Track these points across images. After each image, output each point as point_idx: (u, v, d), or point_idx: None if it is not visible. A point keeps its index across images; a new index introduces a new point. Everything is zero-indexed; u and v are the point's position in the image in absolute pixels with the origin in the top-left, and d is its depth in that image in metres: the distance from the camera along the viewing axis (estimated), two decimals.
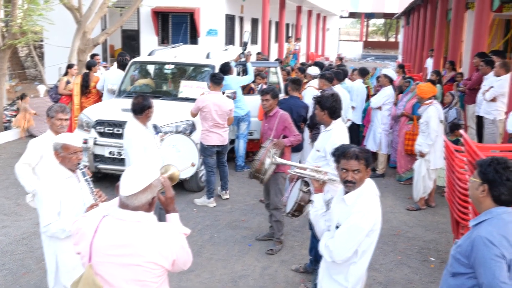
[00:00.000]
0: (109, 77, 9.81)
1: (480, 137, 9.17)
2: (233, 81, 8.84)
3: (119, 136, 7.58)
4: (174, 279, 5.13)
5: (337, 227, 3.32)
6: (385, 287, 5.23)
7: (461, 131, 5.51)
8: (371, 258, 3.46)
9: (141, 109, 5.38)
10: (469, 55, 11.82)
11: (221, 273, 5.45)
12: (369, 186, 3.38)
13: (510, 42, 17.11)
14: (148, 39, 19.75)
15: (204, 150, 7.32)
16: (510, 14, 15.30)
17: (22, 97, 11.58)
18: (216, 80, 7.46)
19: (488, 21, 11.51)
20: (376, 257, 5.87)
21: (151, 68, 9.84)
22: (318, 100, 4.95)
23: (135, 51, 18.95)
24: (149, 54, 9.91)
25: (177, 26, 19.59)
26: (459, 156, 5.02)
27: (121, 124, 7.61)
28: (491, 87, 8.35)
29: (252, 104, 9.10)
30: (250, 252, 5.97)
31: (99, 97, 10.03)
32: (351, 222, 3.23)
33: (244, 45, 10.09)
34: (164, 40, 19.94)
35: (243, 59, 9.91)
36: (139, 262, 2.54)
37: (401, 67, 12.07)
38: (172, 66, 9.42)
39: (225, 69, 8.79)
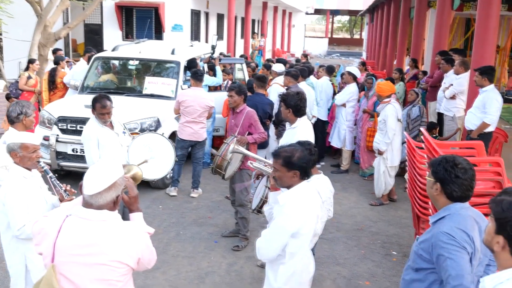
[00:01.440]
0: (77, 72, 9.66)
1: (441, 133, 9.40)
2: None
3: (81, 133, 7.48)
4: (140, 277, 5.10)
5: None
6: (349, 281, 5.33)
7: (422, 128, 5.64)
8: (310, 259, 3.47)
9: (93, 106, 5.35)
10: (431, 53, 12.09)
11: (187, 270, 5.45)
12: (304, 189, 3.33)
13: (470, 40, 17.56)
14: (112, 34, 19.43)
15: (177, 142, 7.51)
16: (470, 13, 15.69)
17: None
18: (197, 76, 7.54)
19: (449, 20, 11.81)
20: (341, 252, 5.98)
21: (115, 64, 9.70)
22: (283, 98, 5.01)
23: (98, 46, 18.60)
24: (113, 50, 9.77)
25: (142, 21, 19.32)
26: (419, 153, 5.15)
27: (84, 121, 7.45)
28: (451, 84, 8.56)
29: (217, 100, 9.09)
30: (216, 248, 5.98)
31: (66, 92, 9.89)
32: (276, 222, 3.27)
33: (212, 48, 10.07)
34: (128, 35, 19.66)
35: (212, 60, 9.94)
36: (104, 261, 2.53)
37: (363, 64, 12.23)
38: (137, 62, 9.31)
39: (191, 65, 8.77)
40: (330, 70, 10.05)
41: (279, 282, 3.37)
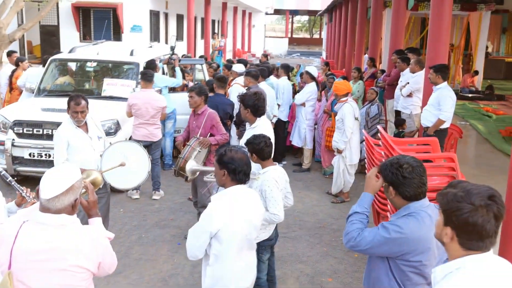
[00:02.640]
0: (32, 74, 9.43)
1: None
2: (159, 79, 8.75)
3: (39, 137, 7.32)
4: (102, 282, 5.02)
5: None
6: (312, 278, 5.39)
7: (379, 126, 5.77)
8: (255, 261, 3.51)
9: (68, 105, 5.20)
10: (388, 52, 12.34)
11: (150, 274, 5.40)
12: (234, 192, 3.34)
13: (426, 39, 18.05)
14: (69, 35, 19.06)
15: None
16: (425, 12, 16.11)
17: None
18: (147, 77, 7.43)
19: (404, 19, 12.09)
20: (303, 250, 6.04)
21: (72, 66, 9.51)
22: (241, 99, 5.08)
23: (55, 48, 18.20)
24: (70, 51, 9.58)
25: (100, 21, 19.02)
26: (378, 150, 5.26)
27: (41, 125, 7.35)
28: (407, 83, 8.78)
29: (180, 101, 9.03)
30: (180, 250, 5.95)
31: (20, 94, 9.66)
32: (199, 221, 3.29)
33: (171, 49, 9.99)
34: (86, 36, 19.32)
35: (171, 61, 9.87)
36: (64, 266, 2.49)
37: (327, 64, 12.36)
38: (95, 64, 9.16)
39: (151, 66, 8.69)
40: (287, 69, 10.12)
41: (205, 283, 3.36)
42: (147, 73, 7.51)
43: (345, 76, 10.56)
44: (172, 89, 9.73)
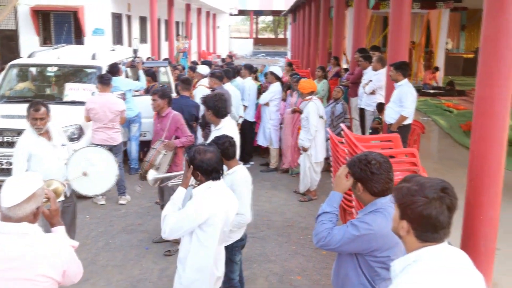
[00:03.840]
0: None
1: (363, 128, 9.76)
2: (122, 82, 8.66)
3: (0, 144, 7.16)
4: None
5: None
6: (281, 277, 5.42)
7: (342, 125, 5.86)
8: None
9: (27, 112, 5.01)
10: (351, 51, 12.51)
11: (117, 279, 5.34)
12: (214, 185, 3.48)
13: (387, 37, 18.37)
14: (29, 40, 18.63)
15: None
16: (386, 11, 16.38)
17: None
18: (104, 81, 7.31)
19: (366, 18, 12.27)
20: (272, 249, 6.07)
21: (32, 71, 9.32)
22: (203, 101, 5.11)
23: (14, 53, 17.81)
24: (29, 56, 9.38)
25: (60, 25, 18.66)
26: (342, 148, 5.33)
27: (1, 132, 7.19)
28: (370, 80, 8.92)
29: (145, 104, 8.95)
30: (147, 255, 5.90)
31: None
32: (187, 208, 3.37)
33: (134, 52, 9.89)
34: (46, 40, 18.93)
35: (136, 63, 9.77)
36: (27, 276, 2.45)
37: (289, 65, 12.44)
38: (55, 68, 8.99)
39: (113, 70, 8.59)
40: (250, 69, 10.14)
41: (188, 276, 3.44)
42: (104, 76, 7.41)
43: (301, 76, 10.51)
44: (146, 91, 9.63)
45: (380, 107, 8.31)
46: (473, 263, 2.04)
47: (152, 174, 4.30)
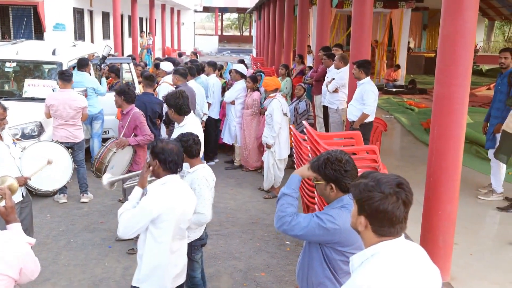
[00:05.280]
0: None
1: (327, 125, 9.86)
2: (87, 78, 8.53)
3: None
4: None
5: None
6: (245, 274, 5.44)
7: (304, 122, 5.91)
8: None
9: None
10: (315, 49, 12.61)
11: (79, 279, 5.26)
12: (170, 180, 3.48)
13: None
14: None
15: None
16: (350, 10, 16.56)
17: None
18: (65, 77, 7.18)
19: (329, 17, 12.40)
20: (236, 246, 6.09)
21: None
22: (164, 100, 5.11)
23: None
24: None
25: (19, 20, 18.19)
26: (304, 145, 5.39)
27: None
28: (333, 79, 9.02)
29: (108, 101, 8.82)
30: (110, 254, 5.83)
31: None
32: (140, 204, 3.38)
33: (102, 58, 9.72)
34: (4, 35, 18.43)
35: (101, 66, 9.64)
36: None
37: (242, 62, 12.30)
38: (14, 64, 8.76)
39: (82, 63, 8.47)
40: (214, 66, 10.11)
41: (142, 273, 3.46)
42: (65, 72, 7.27)
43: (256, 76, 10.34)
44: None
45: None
46: (432, 258, 2.11)
47: (106, 178, 4.23)
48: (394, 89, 17.79)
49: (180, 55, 20.87)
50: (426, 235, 4.64)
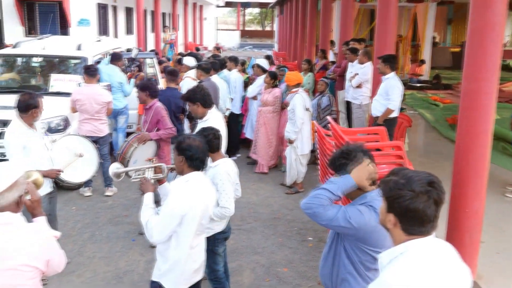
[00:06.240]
0: None
1: (350, 121, 9.79)
2: (117, 73, 8.62)
3: None
4: (54, 281, 4.92)
5: None
6: (267, 269, 5.44)
7: (329, 117, 5.87)
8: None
9: (25, 107, 4.83)
10: (338, 44, 12.52)
11: (104, 271, 5.32)
12: (193, 178, 3.46)
13: (374, 30, 18.40)
14: (13, 30, 18.36)
15: None
16: (373, 4, 16.41)
17: None
18: (90, 72, 7.27)
19: (353, 11, 12.28)
20: (258, 241, 6.09)
21: (17, 61, 9.21)
22: (186, 97, 5.08)
23: None
24: (14, 46, 9.27)
25: (45, 16, 18.43)
26: (328, 140, 5.35)
27: None
28: (356, 74, 8.93)
29: (132, 96, 8.90)
30: (134, 247, 5.89)
31: None
32: (165, 207, 3.37)
33: (131, 60, 9.79)
34: (31, 30, 18.69)
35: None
36: (11, 266, 2.44)
37: (268, 58, 12.27)
38: (41, 59, 8.89)
39: (115, 57, 8.59)
40: (235, 61, 10.10)
41: (162, 269, 3.48)
42: (90, 67, 7.38)
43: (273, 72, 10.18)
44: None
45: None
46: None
47: (113, 168, 4.22)
48: (418, 85, 17.57)
49: (198, 49, 20.91)
50: (452, 233, 4.57)
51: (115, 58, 8.70)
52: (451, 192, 4.53)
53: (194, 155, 3.43)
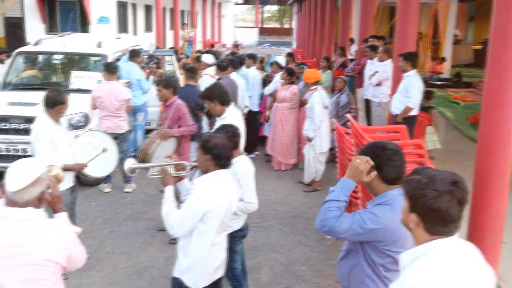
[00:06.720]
0: None
1: (369, 119, 9.72)
2: (136, 70, 8.68)
3: (6, 131, 7.18)
4: (75, 276, 4.98)
5: None
6: (285, 267, 5.43)
7: (349, 115, 5.84)
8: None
9: (52, 104, 4.96)
10: (357, 41, 12.43)
11: (124, 266, 5.37)
12: (218, 175, 3.45)
13: (394, 28, 18.22)
14: (35, 27, 18.64)
15: None
16: (393, 1, 16.25)
17: None
18: (110, 69, 7.34)
19: (373, 8, 12.16)
20: (277, 239, 6.08)
21: (39, 58, 9.32)
22: (204, 96, 5.08)
23: (20, 40, 17.81)
24: (36, 44, 9.38)
25: (66, 13, 18.65)
26: (348, 138, 5.32)
27: (7, 119, 7.21)
28: (376, 72, 8.86)
29: (152, 93, 8.95)
30: (153, 243, 5.93)
31: None
32: (187, 203, 3.38)
33: (150, 57, 9.83)
34: (52, 28, 18.93)
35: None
36: (33, 261, 2.48)
37: (290, 55, 12.27)
38: (61, 56, 8.99)
39: (134, 53, 8.65)
40: (253, 58, 10.08)
41: (183, 265, 3.49)
42: (111, 64, 7.45)
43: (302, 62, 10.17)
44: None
45: (428, 95, 8.30)
46: None
47: (129, 163, 4.23)
48: (438, 83, 17.36)
49: (212, 46, 20.94)
50: (472, 233, 4.51)
51: (133, 54, 8.76)
52: (473, 192, 4.47)
53: (220, 154, 3.43)
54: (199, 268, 3.47)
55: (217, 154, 3.42)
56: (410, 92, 6.92)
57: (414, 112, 7.09)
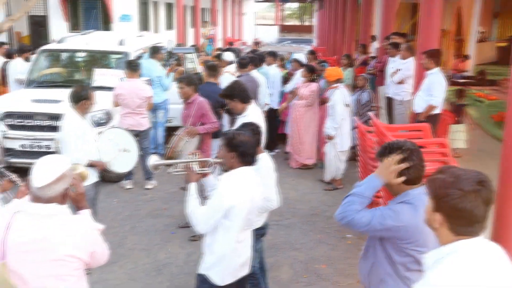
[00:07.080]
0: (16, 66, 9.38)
1: (390, 117, 9.62)
2: (156, 67, 8.72)
3: (31, 128, 7.30)
4: (96, 271, 5.01)
5: None
6: (306, 265, 5.41)
7: (370, 113, 5.78)
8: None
9: (77, 99, 5.08)
10: (379, 38, 12.31)
11: (144, 263, 5.41)
12: (242, 172, 3.45)
13: (416, 25, 18.00)
14: (58, 25, 18.90)
15: None
16: None
17: None
18: (132, 67, 7.39)
19: (395, 5, 12.03)
20: (297, 237, 6.06)
21: (62, 56, 9.44)
22: (224, 94, 5.10)
23: (44, 38, 18.07)
24: (59, 42, 9.51)
25: (88, 11, 18.89)
26: (370, 137, 5.27)
27: (32, 116, 7.32)
28: (398, 69, 8.76)
29: (173, 90, 8.99)
30: (173, 240, 5.96)
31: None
32: (212, 199, 3.38)
33: (169, 53, 9.89)
34: (75, 26, 19.15)
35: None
36: (56, 256, 2.51)
37: (312, 53, 12.20)
38: (84, 54, 9.09)
39: (154, 50, 8.71)
40: (273, 55, 10.05)
41: (207, 262, 3.50)
42: (132, 62, 7.51)
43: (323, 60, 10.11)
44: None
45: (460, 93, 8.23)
46: None
47: (153, 160, 4.25)
48: (462, 80, 17.09)
49: (231, 43, 20.96)
50: (497, 233, 4.42)
51: (154, 51, 8.81)
52: (498, 191, 4.38)
53: (246, 151, 3.44)
54: (224, 264, 3.47)
55: (242, 151, 3.43)
56: (434, 90, 6.83)
57: (437, 111, 6.99)
